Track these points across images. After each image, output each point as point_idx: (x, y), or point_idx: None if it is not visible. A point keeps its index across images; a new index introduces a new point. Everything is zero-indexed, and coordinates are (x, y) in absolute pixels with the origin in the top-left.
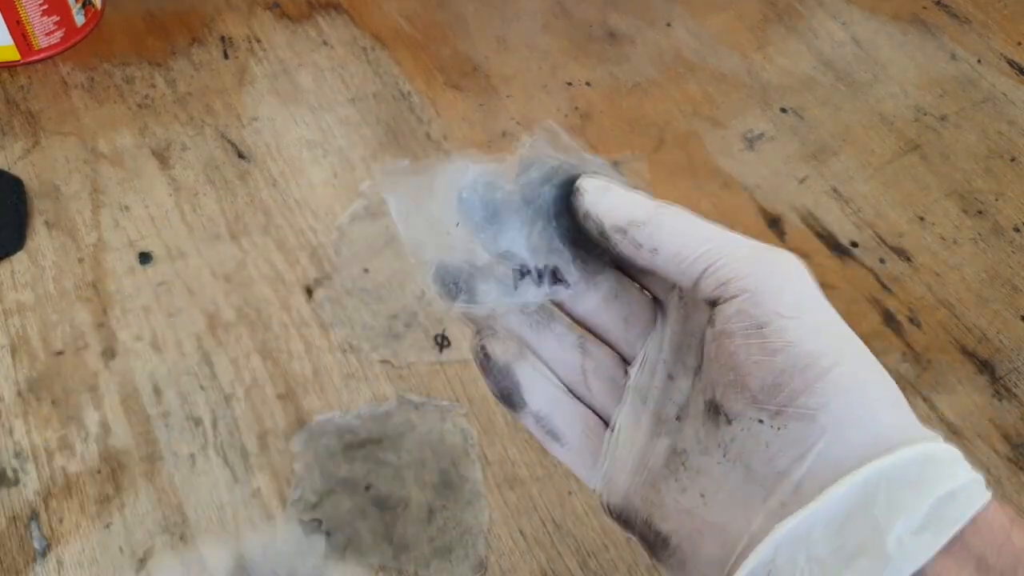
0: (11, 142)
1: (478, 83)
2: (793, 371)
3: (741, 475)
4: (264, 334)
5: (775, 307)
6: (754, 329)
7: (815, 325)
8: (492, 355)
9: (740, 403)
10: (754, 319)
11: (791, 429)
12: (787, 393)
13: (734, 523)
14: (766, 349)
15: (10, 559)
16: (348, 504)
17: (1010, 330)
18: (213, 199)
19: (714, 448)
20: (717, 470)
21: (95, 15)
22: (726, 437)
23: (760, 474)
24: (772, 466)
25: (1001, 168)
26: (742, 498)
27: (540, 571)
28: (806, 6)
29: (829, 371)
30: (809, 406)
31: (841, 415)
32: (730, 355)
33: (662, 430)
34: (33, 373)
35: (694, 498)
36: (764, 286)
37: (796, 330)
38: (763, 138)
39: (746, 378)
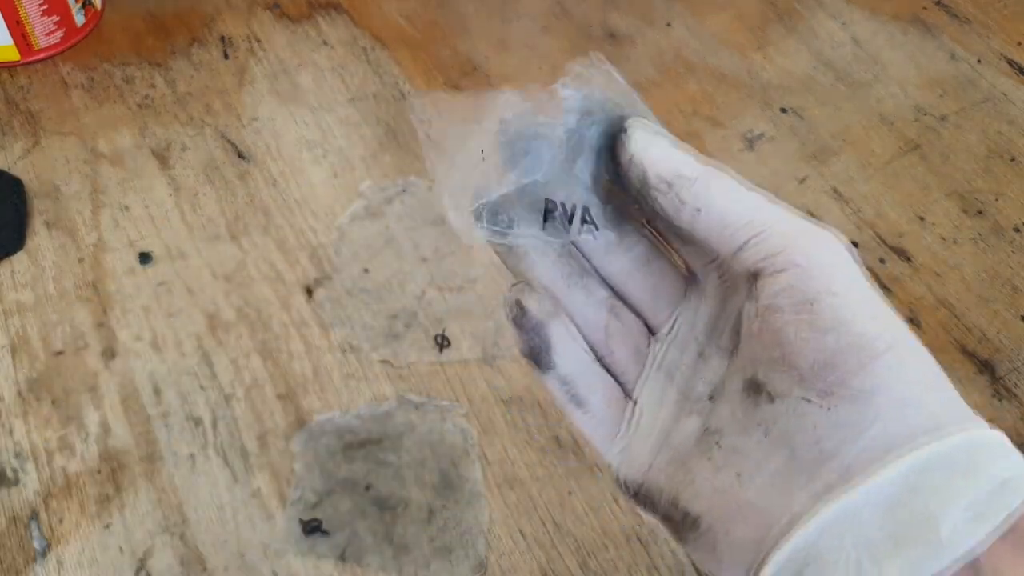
0: (11, 142)
1: (478, 83)
2: (847, 351)
3: (784, 456)
4: (264, 334)
5: (827, 284)
6: (804, 305)
7: (867, 306)
8: (528, 310)
9: (786, 382)
10: (804, 295)
11: (842, 410)
12: (840, 373)
13: (773, 504)
14: (817, 327)
15: (10, 559)
16: (348, 504)
17: (1010, 330)
18: (213, 199)
19: (753, 428)
20: (756, 450)
21: (95, 15)
22: (767, 417)
23: (805, 455)
24: (818, 447)
25: (1001, 168)
26: (783, 479)
27: (540, 571)
28: (806, 6)
29: (884, 353)
30: (864, 388)
31: (895, 398)
32: (776, 331)
33: (691, 408)
34: (33, 373)
35: (729, 478)
36: (815, 262)
37: (849, 309)
38: (763, 138)
39: (794, 356)
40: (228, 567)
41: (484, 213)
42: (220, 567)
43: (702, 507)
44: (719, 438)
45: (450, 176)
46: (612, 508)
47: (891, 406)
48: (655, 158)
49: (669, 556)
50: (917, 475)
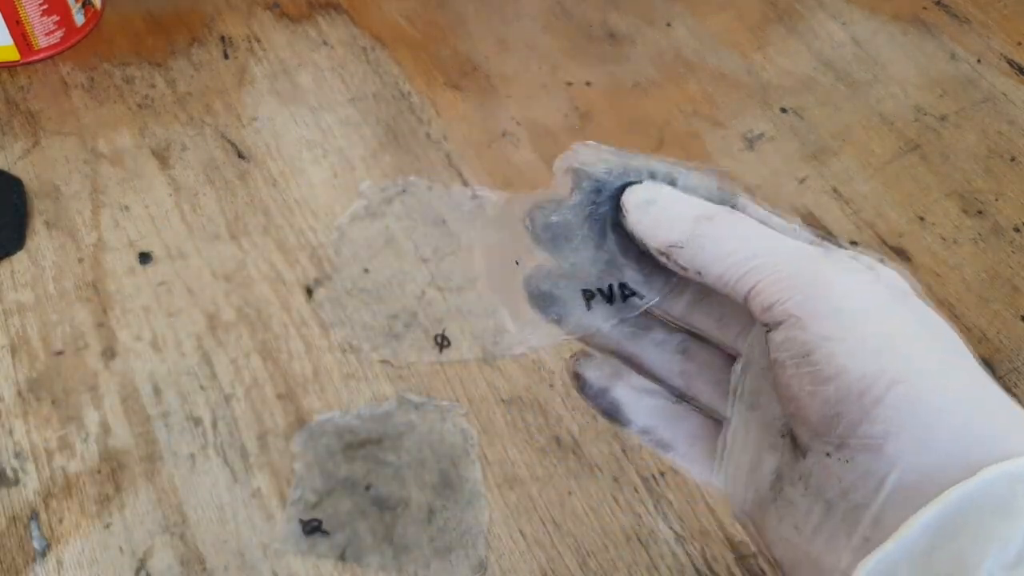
0: (11, 142)
1: (478, 83)
2: (848, 399)
3: (823, 509)
4: (264, 334)
5: (821, 330)
6: (803, 357)
7: (869, 342)
8: (587, 380)
9: (806, 436)
10: (802, 346)
11: (859, 461)
12: (846, 424)
13: (826, 559)
14: (817, 377)
15: (10, 559)
16: (348, 504)
17: (1010, 330)
18: (213, 199)
19: (797, 480)
20: (803, 503)
21: (95, 15)
22: (804, 470)
23: (839, 508)
24: (848, 500)
25: (1001, 168)
26: (827, 533)
27: (540, 571)
28: (806, 6)
29: (886, 394)
30: (873, 435)
31: (910, 440)
32: (786, 386)
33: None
34: (33, 373)
35: (790, 529)
36: (808, 307)
37: (846, 353)
38: (763, 138)
39: (804, 411)
40: (228, 567)
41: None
42: (220, 567)
43: (779, 553)
44: (781, 487)
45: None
46: (612, 508)
47: (905, 450)
48: (646, 233)
49: (669, 556)
50: (949, 520)
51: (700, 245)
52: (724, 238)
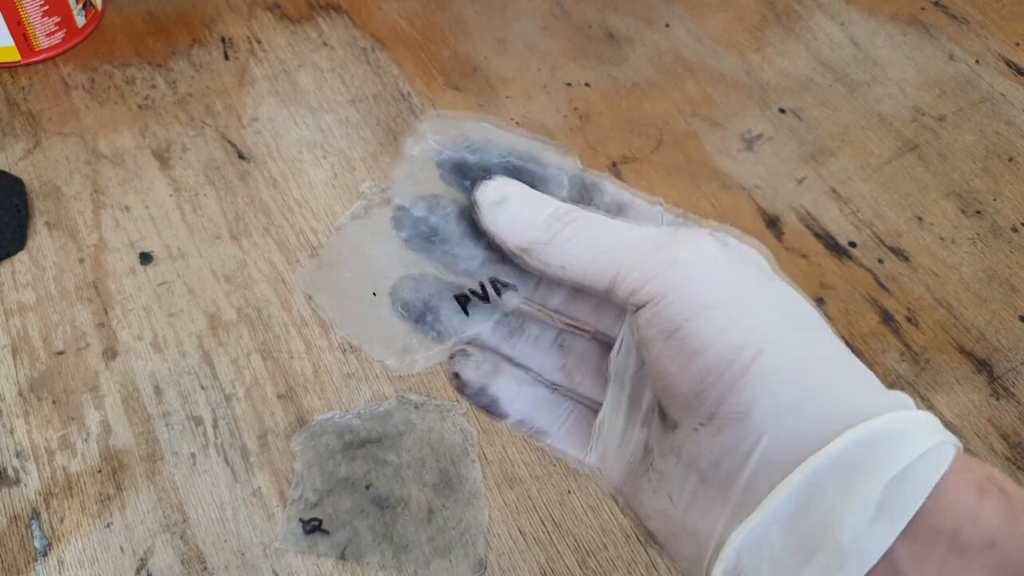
0: (12, 143)
1: (478, 84)
2: (715, 371)
3: (697, 479)
4: (264, 334)
5: (685, 307)
6: (670, 332)
7: (731, 316)
8: (465, 380)
9: (677, 410)
10: (669, 322)
11: (728, 432)
12: (714, 397)
13: (701, 527)
14: (684, 352)
15: (11, 558)
16: (348, 503)
17: (1008, 330)
18: (213, 199)
19: (669, 452)
20: (675, 475)
21: (96, 16)
22: (676, 443)
23: (712, 478)
24: (720, 469)
25: (999, 168)
26: (703, 503)
27: (540, 570)
28: (805, 7)
29: (751, 364)
30: (740, 404)
31: (774, 409)
32: (655, 362)
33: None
34: (34, 373)
35: (664, 500)
36: (672, 285)
37: (710, 327)
38: (762, 138)
39: (673, 386)
40: (228, 566)
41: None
42: (220, 566)
43: (653, 526)
44: (652, 460)
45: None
46: (611, 507)
47: (772, 417)
48: (504, 232)
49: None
50: (812, 484)
51: (560, 241)
52: (581, 232)
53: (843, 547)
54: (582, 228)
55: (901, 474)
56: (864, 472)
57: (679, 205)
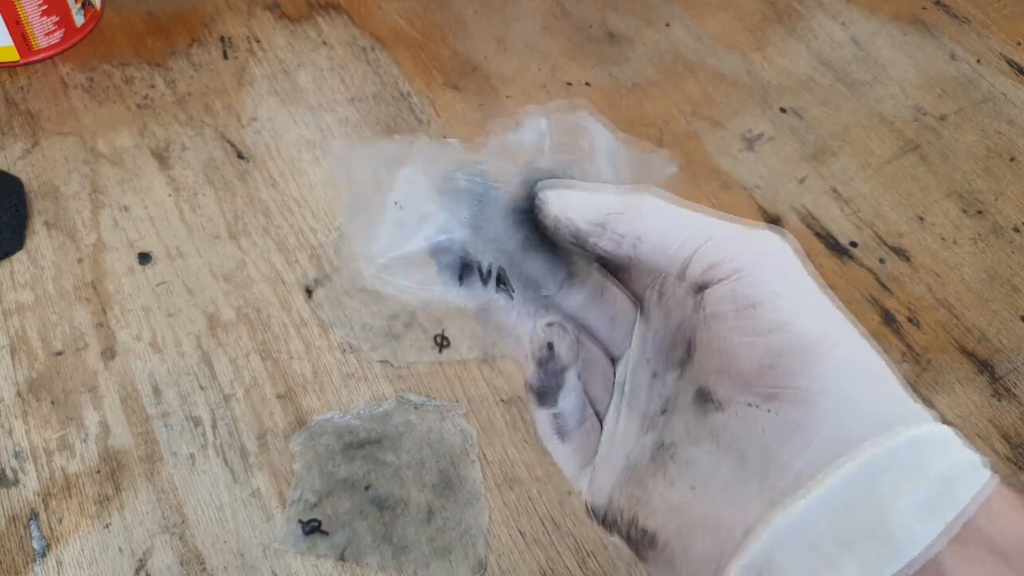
0: (11, 142)
1: (478, 83)
2: (790, 352)
3: (735, 463)
4: (264, 334)
5: (770, 286)
6: (747, 308)
7: (812, 305)
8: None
9: (732, 388)
10: (747, 299)
11: (788, 413)
12: (783, 374)
13: (728, 514)
14: (761, 329)
15: (10, 559)
16: (348, 504)
17: (1009, 330)
18: (213, 199)
19: (704, 438)
20: (707, 460)
21: (94, 15)
22: (717, 425)
23: (755, 461)
24: (768, 453)
25: (1000, 168)
26: (736, 488)
27: (539, 571)
28: (805, 6)
29: (828, 353)
30: (809, 388)
31: (842, 399)
32: (722, 339)
33: (648, 427)
34: (33, 373)
35: (683, 491)
36: (756, 265)
37: (792, 310)
38: (762, 138)
39: (738, 361)
40: (228, 567)
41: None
42: (220, 567)
43: (658, 523)
44: (673, 451)
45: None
46: None
47: (838, 407)
48: (578, 208)
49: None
50: (866, 477)
51: (639, 211)
52: (662, 206)
53: (895, 535)
54: (659, 204)
55: (953, 475)
56: (919, 468)
57: None
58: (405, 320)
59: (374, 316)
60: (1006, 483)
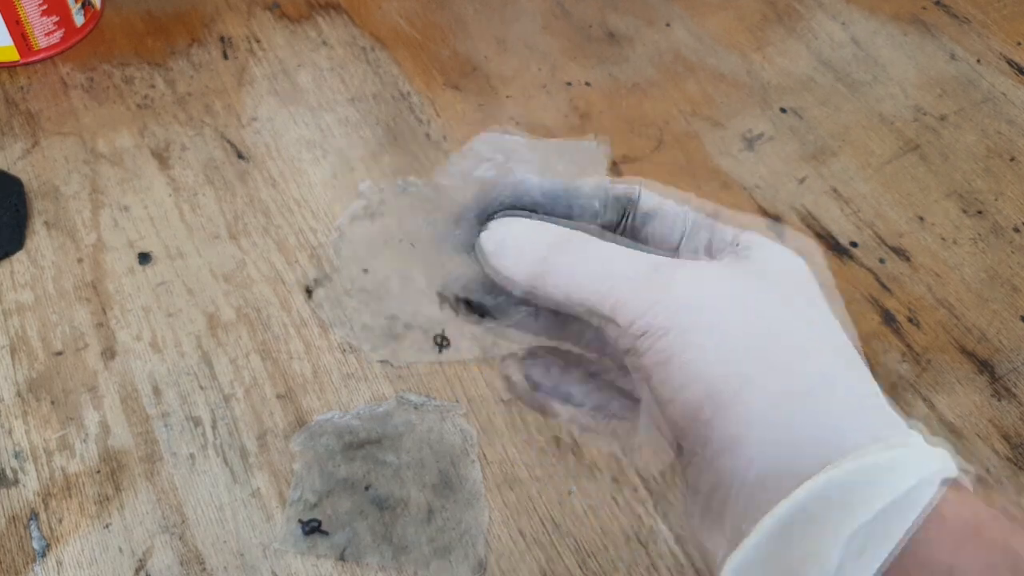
0: (11, 142)
1: (478, 83)
2: (689, 416)
3: (702, 502)
4: (264, 334)
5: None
6: (662, 366)
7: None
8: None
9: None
10: (660, 355)
11: (722, 461)
12: (704, 427)
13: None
14: (674, 386)
15: (9, 559)
16: (347, 504)
17: (1009, 330)
18: (212, 199)
19: (681, 479)
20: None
21: (94, 15)
22: (683, 468)
23: (712, 506)
24: (717, 498)
25: (1001, 168)
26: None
27: (539, 571)
28: (806, 6)
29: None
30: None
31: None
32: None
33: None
34: (32, 373)
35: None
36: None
37: (698, 360)
38: (762, 138)
39: (669, 415)
40: (228, 567)
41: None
42: (220, 567)
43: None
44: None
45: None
46: (612, 508)
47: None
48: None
49: (669, 556)
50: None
51: (556, 271)
52: (578, 260)
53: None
54: (578, 256)
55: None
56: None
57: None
58: (405, 320)
59: (374, 316)
60: (1007, 483)
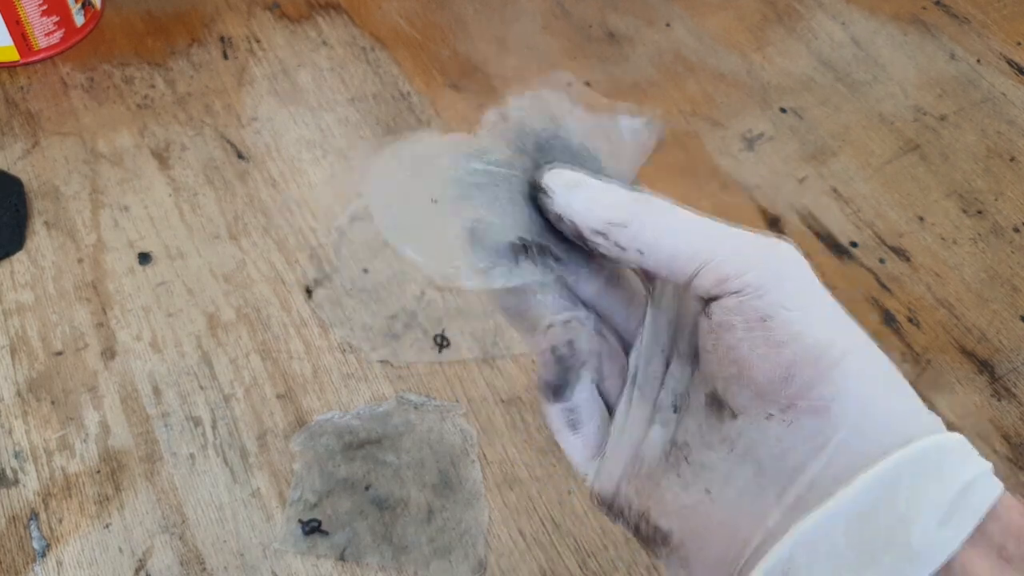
0: (11, 142)
1: (478, 83)
2: (803, 363)
3: (751, 471)
4: (264, 334)
5: (778, 298)
6: (757, 322)
7: (821, 315)
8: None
9: (746, 398)
10: (757, 311)
11: (804, 423)
12: (798, 386)
13: (745, 521)
14: (772, 341)
15: (10, 559)
16: (347, 504)
17: (1009, 330)
18: (212, 199)
19: (719, 443)
20: (723, 466)
21: (94, 15)
22: (732, 432)
23: (772, 470)
24: (785, 461)
25: (1001, 168)
26: (753, 494)
27: (540, 571)
28: (806, 6)
29: (840, 361)
30: (823, 397)
31: (857, 406)
32: (731, 349)
33: (657, 418)
34: (33, 373)
35: (698, 494)
36: (765, 278)
37: (802, 321)
38: (763, 138)
39: (751, 372)
40: (228, 567)
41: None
42: (220, 567)
43: (672, 523)
44: (687, 453)
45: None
46: None
47: (852, 415)
48: (581, 212)
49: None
50: (885, 484)
51: (643, 223)
52: (668, 218)
53: (914, 546)
54: (664, 213)
55: (969, 484)
56: (938, 478)
57: (679, 205)
58: (405, 320)
59: (374, 316)
60: (1007, 483)
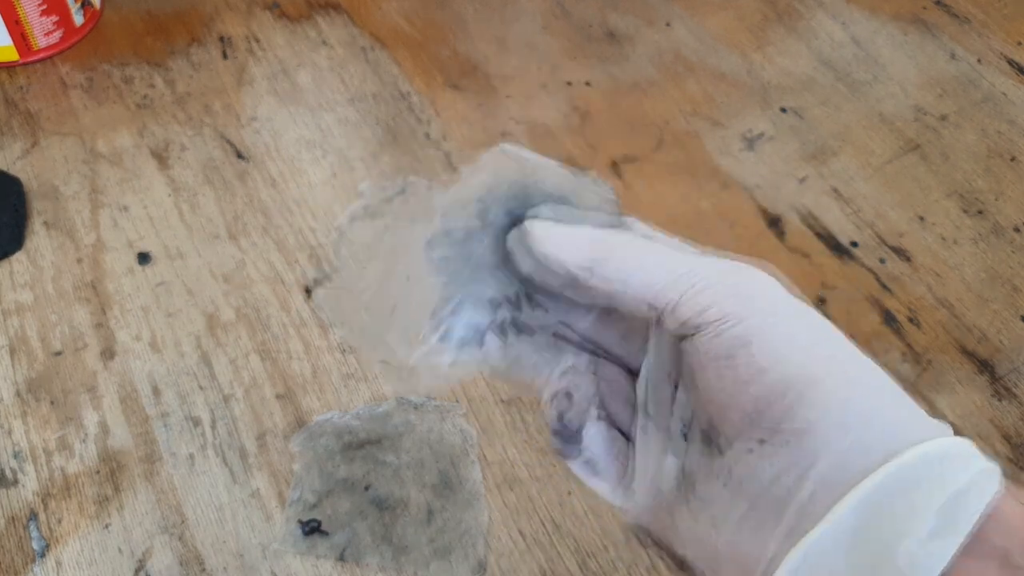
0: (10, 142)
1: (478, 83)
2: (770, 398)
3: (746, 502)
4: (263, 334)
5: (752, 329)
6: (731, 354)
7: (788, 344)
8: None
9: (728, 434)
10: (731, 344)
11: (782, 455)
12: (769, 421)
13: (748, 550)
14: (742, 377)
15: (9, 560)
16: (347, 505)
17: (1010, 330)
18: (212, 199)
19: (714, 476)
20: (722, 498)
21: (94, 15)
22: (723, 466)
23: (763, 502)
24: (772, 493)
25: (1001, 168)
26: (752, 525)
27: (540, 571)
28: (806, 6)
29: (807, 391)
30: (797, 428)
31: (831, 431)
32: (711, 383)
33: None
34: (32, 373)
35: (706, 525)
36: (739, 309)
37: (774, 351)
38: (763, 138)
39: (729, 407)
40: (227, 567)
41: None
42: (219, 567)
43: (690, 553)
44: (693, 484)
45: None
46: (612, 509)
47: (829, 440)
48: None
49: (669, 556)
50: (871, 504)
51: (619, 257)
52: (640, 251)
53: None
54: (640, 247)
55: (955, 495)
56: (919, 492)
57: (680, 205)
58: None
59: (374, 316)
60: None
